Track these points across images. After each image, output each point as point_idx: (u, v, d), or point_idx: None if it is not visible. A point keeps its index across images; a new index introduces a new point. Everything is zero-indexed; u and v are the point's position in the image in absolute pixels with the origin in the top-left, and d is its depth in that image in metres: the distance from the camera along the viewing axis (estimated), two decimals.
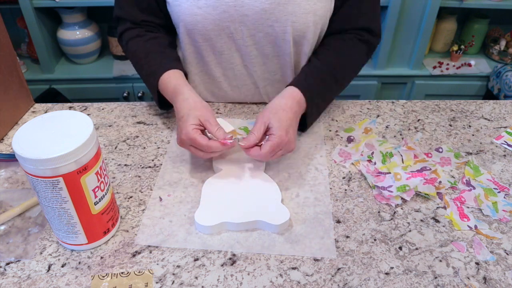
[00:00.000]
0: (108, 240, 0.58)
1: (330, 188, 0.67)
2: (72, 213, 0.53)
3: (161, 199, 0.64)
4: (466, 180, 0.69)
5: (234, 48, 0.78)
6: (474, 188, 0.67)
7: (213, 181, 0.65)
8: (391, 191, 0.64)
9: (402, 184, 0.64)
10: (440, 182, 0.68)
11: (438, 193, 0.66)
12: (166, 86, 0.73)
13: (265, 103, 0.87)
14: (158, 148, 0.75)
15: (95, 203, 0.54)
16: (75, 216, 0.53)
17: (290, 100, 0.69)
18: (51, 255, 0.56)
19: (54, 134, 0.50)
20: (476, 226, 0.61)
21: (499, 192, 0.67)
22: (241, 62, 0.80)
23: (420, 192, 0.65)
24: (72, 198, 0.51)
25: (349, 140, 0.77)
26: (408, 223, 0.61)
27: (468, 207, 0.64)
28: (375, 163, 0.71)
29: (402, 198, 0.65)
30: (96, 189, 0.53)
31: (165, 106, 0.79)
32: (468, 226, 0.61)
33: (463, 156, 0.74)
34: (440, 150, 0.75)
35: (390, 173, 0.68)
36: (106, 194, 0.55)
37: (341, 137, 0.78)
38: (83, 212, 0.53)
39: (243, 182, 0.65)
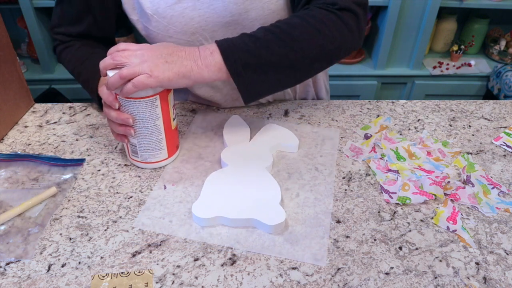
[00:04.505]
0: (177, 157, 0.70)
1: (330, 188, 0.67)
2: (161, 129, 0.63)
3: (165, 187, 0.66)
4: (466, 176, 0.69)
5: None
6: (473, 185, 0.67)
7: (217, 175, 0.66)
8: (392, 198, 0.65)
9: (406, 196, 0.64)
10: (448, 182, 0.68)
11: (445, 194, 0.66)
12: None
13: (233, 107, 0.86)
14: None
15: (173, 119, 0.65)
16: (163, 132, 0.64)
17: None
18: (51, 255, 0.56)
19: None
20: (455, 230, 0.60)
21: (492, 188, 0.67)
22: None
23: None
24: (163, 114, 0.62)
25: (367, 137, 0.77)
26: (408, 223, 0.61)
27: (462, 205, 0.64)
28: (386, 161, 0.71)
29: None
30: (174, 106, 0.65)
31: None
32: (447, 227, 0.60)
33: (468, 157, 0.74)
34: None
35: (399, 173, 0.68)
36: (175, 112, 0.66)
37: (358, 135, 0.78)
38: (167, 127, 0.64)
39: (246, 180, 0.65)
